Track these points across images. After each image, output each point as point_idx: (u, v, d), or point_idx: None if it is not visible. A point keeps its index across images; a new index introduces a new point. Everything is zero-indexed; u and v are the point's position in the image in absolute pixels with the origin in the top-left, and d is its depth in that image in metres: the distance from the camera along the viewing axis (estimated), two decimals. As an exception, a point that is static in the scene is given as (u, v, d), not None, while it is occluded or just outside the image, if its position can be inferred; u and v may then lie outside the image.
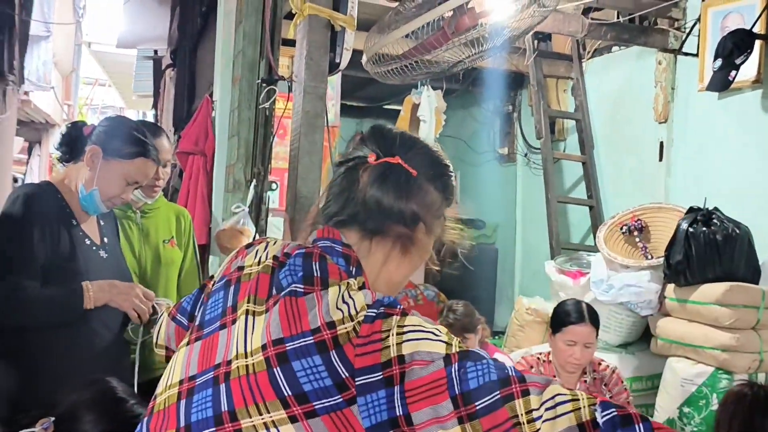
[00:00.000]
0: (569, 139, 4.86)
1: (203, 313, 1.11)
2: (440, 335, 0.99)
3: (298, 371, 0.94)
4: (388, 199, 1.09)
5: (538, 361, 2.74)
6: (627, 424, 0.88)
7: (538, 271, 4.41)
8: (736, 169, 3.51)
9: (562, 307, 2.71)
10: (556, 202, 4.47)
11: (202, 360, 1.03)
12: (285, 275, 1.03)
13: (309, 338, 0.96)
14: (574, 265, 3.73)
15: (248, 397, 0.95)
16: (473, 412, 0.90)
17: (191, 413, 0.99)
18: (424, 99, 4.90)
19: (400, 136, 1.17)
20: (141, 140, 1.92)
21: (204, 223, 3.25)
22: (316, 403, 0.93)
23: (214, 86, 3.46)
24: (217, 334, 1.05)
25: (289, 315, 0.99)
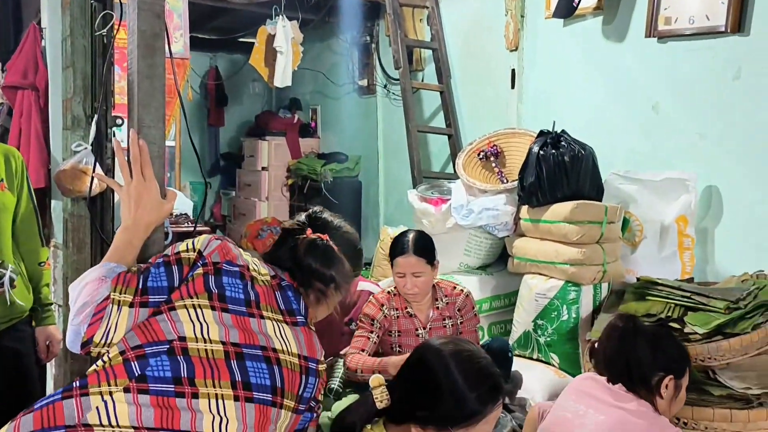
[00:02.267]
0: (427, 69, 4.90)
1: (220, 287, 1.36)
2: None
3: (308, 384, 1.39)
4: (316, 265, 1.52)
5: (389, 296, 2.78)
6: None
7: (402, 201, 4.49)
8: (580, 93, 3.71)
9: (395, 239, 2.76)
10: (416, 132, 4.53)
11: (242, 335, 1.33)
12: (290, 303, 1.45)
13: (315, 365, 1.42)
14: (436, 193, 3.82)
15: (288, 385, 1.35)
16: None
17: (249, 375, 1.30)
18: (279, 29, 4.72)
19: (324, 220, 1.69)
20: None
21: (41, 165, 2.97)
22: (302, 405, 1.39)
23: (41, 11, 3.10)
24: (248, 320, 1.36)
25: (307, 340, 1.42)
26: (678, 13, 3.14)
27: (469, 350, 1.51)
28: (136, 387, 1.21)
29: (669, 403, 2.00)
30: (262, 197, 6.33)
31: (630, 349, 2.02)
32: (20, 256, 2.24)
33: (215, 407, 1.24)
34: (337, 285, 1.54)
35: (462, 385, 1.43)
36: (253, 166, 6.48)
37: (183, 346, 1.27)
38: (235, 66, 6.96)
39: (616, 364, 2.03)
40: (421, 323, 2.76)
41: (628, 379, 2.00)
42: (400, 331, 2.77)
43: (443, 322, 2.77)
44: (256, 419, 1.27)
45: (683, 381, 2.04)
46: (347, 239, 1.64)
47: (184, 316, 1.30)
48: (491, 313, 3.48)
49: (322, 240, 1.55)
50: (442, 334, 2.74)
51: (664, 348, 2.05)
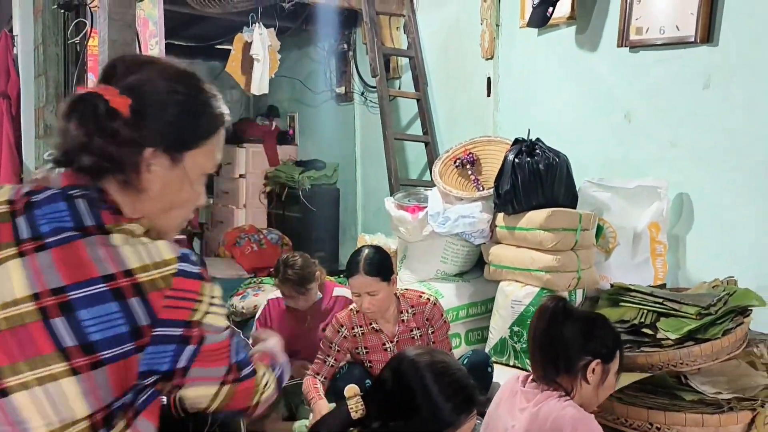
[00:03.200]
0: (404, 77, 4.93)
1: None
2: (223, 311, 1.08)
3: (87, 320, 0.92)
4: (86, 135, 1.02)
5: (351, 315, 2.77)
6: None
7: (379, 208, 4.50)
8: (555, 101, 3.75)
9: (350, 257, 2.75)
10: (393, 140, 4.54)
11: None
12: (44, 221, 0.98)
13: (100, 285, 0.94)
14: (413, 200, 3.83)
15: (15, 352, 0.91)
16: (237, 377, 1.08)
17: None
18: (256, 37, 4.72)
19: (136, 64, 1.09)
20: None
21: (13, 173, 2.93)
22: (105, 352, 0.93)
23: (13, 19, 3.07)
24: None
25: (68, 262, 0.95)
26: (649, 23, 3.19)
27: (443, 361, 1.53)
28: None
29: (596, 388, 1.89)
30: (239, 205, 6.30)
31: (558, 330, 1.90)
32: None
33: None
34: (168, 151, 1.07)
35: (437, 396, 1.43)
36: (230, 173, 6.44)
37: None
38: (213, 73, 6.92)
39: (543, 347, 1.90)
40: (387, 337, 2.75)
41: (552, 365, 1.88)
42: (367, 347, 2.76)
43: (411, 334, 2.76)
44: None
45: (611, 366, 1.92)
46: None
47: None
48: (468, 320, 3.49)
49: (96, 94, 1.02)
50: (411, 345, 2.73)
51: (594, 331, 1.94)
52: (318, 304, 3.22)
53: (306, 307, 3.19)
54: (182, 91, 1.09)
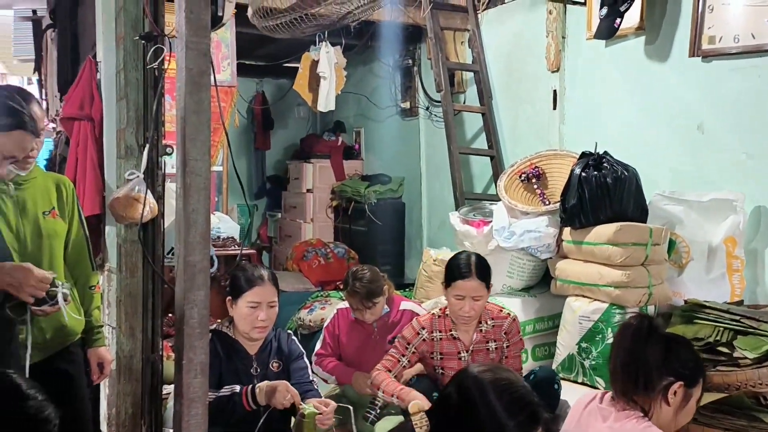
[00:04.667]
0: (469, 91, 4.93)
1: None
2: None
3: None
4: None
5: (432, 319, 2.80)
6: None
7: (444, 222, 4.51)
8: (623, 114, 3.68)
9: (453, 260, 2.78)
10: (458, 154, 4.55)
11: None
12: None
13: None
14: (478, 215, 3.83)
15: None
16: None
17: None
18: (323, 55, 4.82)
19: None
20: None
21: (97, 192, 3.09)
22: None
23: (97, 46, 3.25)
24: None
25: None
26: (722, 32, 3.10)
27: (507, 378, 1.52)
28: None
29: (675, 412, 1.85)
30: (307, 219, 6.43)
31: (641, 349, 1.87)
32: (72, 280, 2.33)
33: None
34: None
35: (500, 412, 1.43)
36: (298, 188, 6.59)
37: None
38: (281, 90, 7.11)
39: (624, 364, 1.88)
40: (464, 346, 2.76)
41: (632, 383, 1.85)
42: (442, 353, 2.78)
43: (486, 345, 2.77)
44: None
45: (694, 391, 1.87)
46: None
47: None
48: (534, 336, 3.46)
49: None
50: (484, 357, 2.75)
51: (678, 352, 1.89)
52: (385, 317, 3.26)
53: (372, 320, 3.23)
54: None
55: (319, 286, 5.01)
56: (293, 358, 2.56)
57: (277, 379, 2.48)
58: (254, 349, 2.50)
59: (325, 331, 3.36)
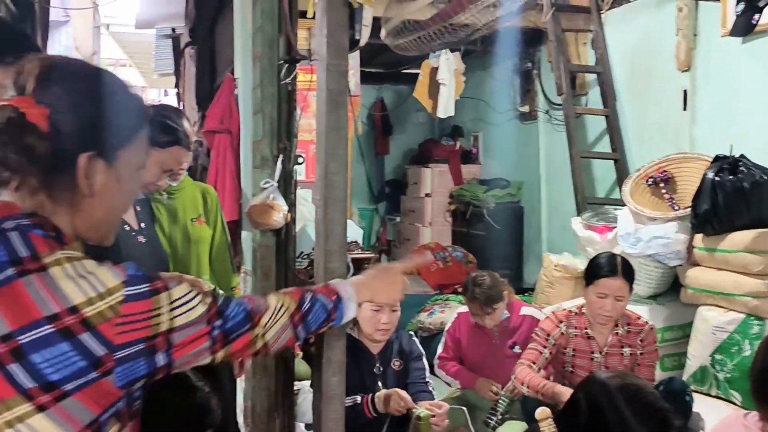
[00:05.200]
0: (591, 93, 4.83)
1: None
2: (198, 298, 1.07)
3: (41, 362, 0.91)
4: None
5: (569, 314, 2.79)
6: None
7: (565, 227, 4.44)
8: (761, 114, 3.48)
9: (596, 259, 2.74)
10: (579, 158, 4.47)
11: None
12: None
13: (46, 328, 0.91)
14: (601, 220, 3.76)
15: None
16: (226, 342, 1.10)
17: None
18: (442, 62, 4.89)
19: (55, 72, 1.01)
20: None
21: (234, 200, 3.32)
22: (67, 386, 0.92)
23: (235, 64, 3.49)
24: None
25: (10, 305, 0.92)
26: None
27: (636, 384, 1.52)
28: None
29: None
30: (425, 223, 6.52)
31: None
32: (216, 282, 2.52)
33: None
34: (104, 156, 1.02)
35: (630, 419, 1.43)
36: (416, 192, 6.69)
37: None
38: (400, 97, 7.26)
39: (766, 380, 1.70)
40: (598, 346, 2.73)
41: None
42: (575, 350, 2.76)
43: (621, 350, 2.72)
44: None
45: None
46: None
47: None
48: (663, 345, 3.33)
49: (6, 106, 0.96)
50: (618, 360, 2.71)
51: None
52: (505, 322, 3.27)
53: (492, 325, 3.25)
54: (103, 91, 1.02)
55: (437, 289, 5.08)
56: (413, 358, 2.64)
57: (398, 377, 2.57)
58: (377, 349, 2.61)
59: (447, 335, 3.41)
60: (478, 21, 1.84)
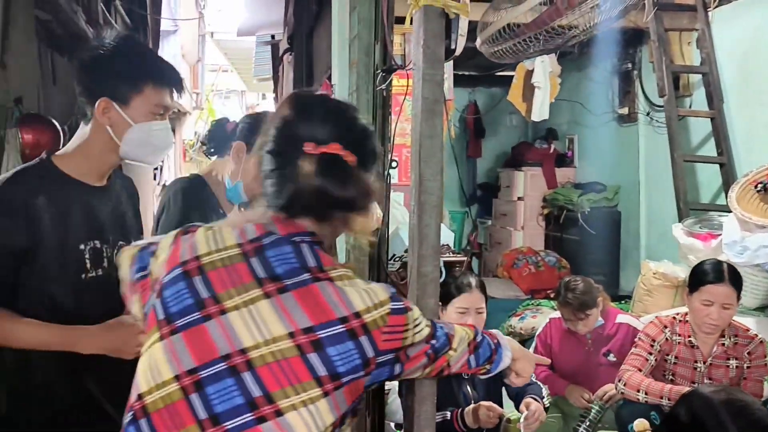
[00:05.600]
0: (695, 95, 4.63)
1: (164, 305, 1.11)
2: (424, 319, 1.25)
3: (335, 356, 1.09)
4: (333, 189, 1.13)
5: (674, 321, 2.71)
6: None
7: (665, 234, 4.28)
8: None
9: (701, 266, 2.65)
10: (682, 162, 4.30)
11: (196, 353, 1.07)
12: (277, 263, 1.12)
13: (339, 327, 1.10)
14: (704, 227, 3.61)
15: (283, 381, 1.06)
16: (434, 358, 1.27)
17: (213, 405, 1.04)
18: (537, 64, 4.84)
19: (333, 115, 1.20)
20: None
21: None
22: (345, 378, 1.10)
23: (332, 70, 3.60)
24: (203, 327, 1.08)
25: (310, 304, 1.10)
26: None
27: (742, 400, 1.47)
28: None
29: None
30: (517, 227, 6.45)
31: None
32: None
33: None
34: (360, 207, 1.18)
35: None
36: (509, 196, 6.63)
37: (141, 406, 1.08)
38: (493, 99, 7.21)
39: None
40: (702, 356, 2.64)
41: None
42: (677, 358, 2.68)
43: (727, 361, 2.62)
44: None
45: None
46: (367, 141, 1.24)
47: (140, 368, 1.12)
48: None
49: (334, 155, 1.14)
50: (723, 372, 2.61)
51: None
52: (600, 329, 3.20)
53: (585, 331, 3.19)
54: (372, 127, 1.26)
55: (529, 294, 5.02)
56: None
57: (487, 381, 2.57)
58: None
59: (537, 340, 3.38)
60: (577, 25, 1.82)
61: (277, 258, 1.12)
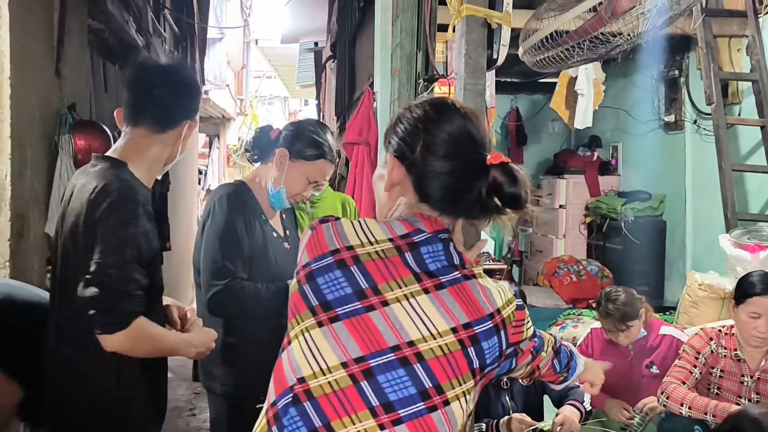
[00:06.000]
0: (745, 102, 4.52)
1: (317, 292, 1.14)
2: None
3: (486, 349, 1.16)
4: (517, 193, 1.17)
5: (719, 334, 2.64)
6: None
7: (712, 244, 4.19)
8: None
9: (748, 277, 2.58)
10: (730, 171, 4.20)
11: (363, 342, 1.11)
12: (434, 259, 1.17)
13: (489, 322, 1.17)
14: (753, 238, 3.52)
15: (450, 373, 1.12)
16: (535, 355, 1.35)
17: (385, 393, 1.09)
18: (581, 71, 4.79)
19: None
20: (321, 143, 2.12)
21: (371, 209, 3.46)
22: (487, 370, 1.18)
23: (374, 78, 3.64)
24: (367, 317, 1.12)
25: (465, 300, 1.16)
26: None
27: None
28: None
29: None
30: (559, 235, 6.38)
31: None
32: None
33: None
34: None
35: None
36: (550, 203, 6.57)
37: (305, 389, 1.10)
38: (536, 106, 7.16)
39: None
40: (749, 370, 2.58)
41: None
42: (723, 371, 2.62)
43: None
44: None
45: None
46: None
47: (297, 351, 1.13)
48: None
49: (508, 164, 1.20)
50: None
51: None
52: (642, 341, 3.14)
53: (626, 343, 3.13)
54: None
55: (570, 303, 4.96)
56: None
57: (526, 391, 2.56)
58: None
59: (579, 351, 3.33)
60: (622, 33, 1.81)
61: (430, 255, 1.17)
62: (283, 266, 2.10)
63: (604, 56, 1.85)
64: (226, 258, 1.97)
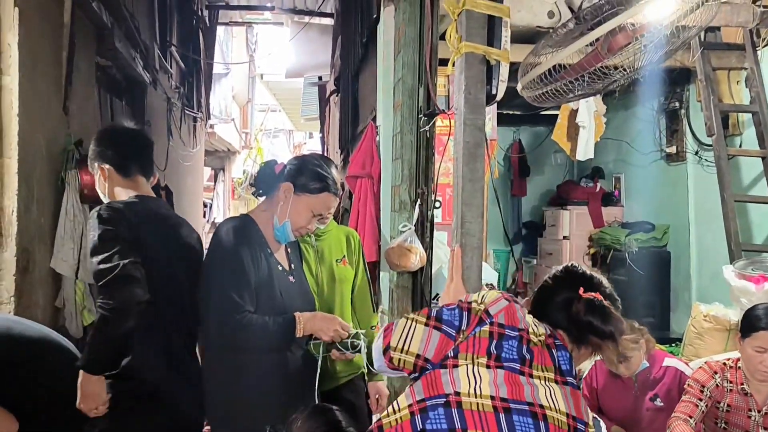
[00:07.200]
0: (745, 134, 4.55)
1: (498, 347, 1.51)
2: None
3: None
4: (597, 323, 1.56)
5: (724, 367, 2.62)
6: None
7: (717, 275, 4.18)
8: None
9: (753, 311, 2.57)
10: (733, 202, 4.20)
11: (511, 390, 1.45)
12: (564, 363, 1.54)
13: (584, 426, 1.47)
14: (757, 269, 3.51)
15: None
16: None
17: (515, 428, 1.40)
18: (582, 104, 4.84)
19: (589, 277, 1.73)
20: (325, 176, 2.14)
21: (374, 242, 3.47)
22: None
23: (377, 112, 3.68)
24: (518, 377, 1.48)
25: (575, 401, 1.49)
26: None
27: None
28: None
29: None
30: (563, 266, 6.35)
31: None
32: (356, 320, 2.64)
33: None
34: (614, 340, 1.59)
35: None
36: (554, 235, 6.57)
37: (458, 400, 1.42)
38: (538, 138, 7.21)
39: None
40: (756, 404, 2.55)
41: None
42: (730, 406, 2.59)
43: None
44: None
45: None
46: (608, 294, 1.71)
47: (462, 373, 1.47)
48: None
49: (598, 300, 1.61)
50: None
51: None
52: (645, 373, 3.12)
53: (627, 374, 3.11)
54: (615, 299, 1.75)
55: (575, 335, 4.92)
56: None
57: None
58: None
59: (584, 383, 3.31)
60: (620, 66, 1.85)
61: (562, 358, 1.54)
62: (288, 299, 2.11)
63: (602, 91, 1.88)
64: (234, 291, 1.99)
